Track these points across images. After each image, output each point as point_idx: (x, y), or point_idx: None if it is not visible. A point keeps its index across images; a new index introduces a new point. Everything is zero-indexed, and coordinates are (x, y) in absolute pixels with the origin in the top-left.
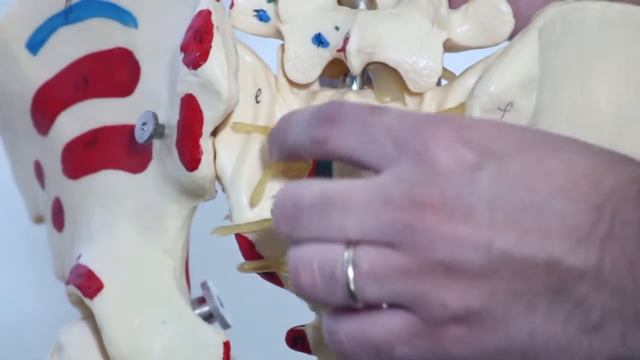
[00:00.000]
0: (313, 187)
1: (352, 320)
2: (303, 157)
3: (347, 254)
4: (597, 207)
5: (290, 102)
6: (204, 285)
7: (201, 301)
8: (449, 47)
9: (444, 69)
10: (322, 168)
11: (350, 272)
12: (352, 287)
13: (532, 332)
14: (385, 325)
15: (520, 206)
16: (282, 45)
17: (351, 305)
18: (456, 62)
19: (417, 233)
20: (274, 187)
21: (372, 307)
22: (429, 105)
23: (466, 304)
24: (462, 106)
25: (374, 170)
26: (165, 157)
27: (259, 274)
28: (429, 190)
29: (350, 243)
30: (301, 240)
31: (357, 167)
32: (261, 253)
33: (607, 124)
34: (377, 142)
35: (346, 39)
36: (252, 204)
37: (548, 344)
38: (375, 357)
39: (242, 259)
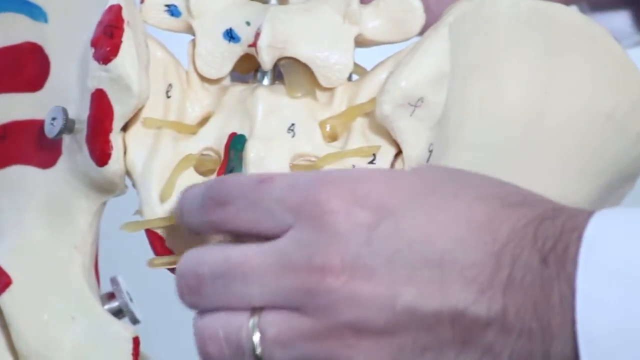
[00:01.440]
0: (214, 256)
1: None
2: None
3: (252, 321)
4: (495, 255)
5: (201, 97)
6: (114, 281)
7: (110, 297)
8: (360, 42)
9: (355, 64)
10: (233, 161)
11: (257, 339)
12: (259, 353)
13: None
14: None
15: (419, 261)
16: (193, 41)
17: None
18: (367, 58)
19: (319, 297)
20: (185, 182)
21: None
22: (340, 100)
23: None
24: (372, 101)
25: (273, 233)
26: (75, 152)
27: (169, 269)
28: (328, 254)
29: (255, 310)
30: (206, 310)
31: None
32: (171, 248)
33: (516, 119)
34: (271, 214)
35: (257, 34)
36: (163, 199)
37: None
38: None
39: (152, 255)
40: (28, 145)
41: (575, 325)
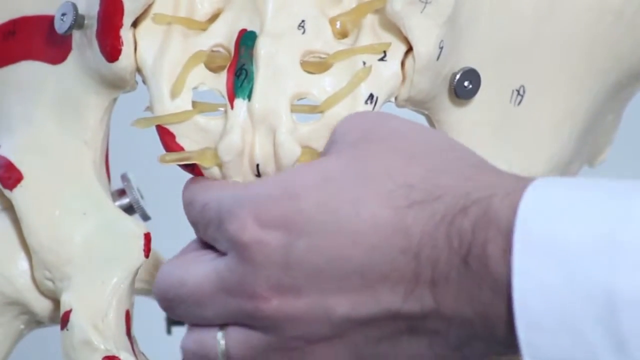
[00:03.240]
0: (175, 281)
1: None
2: None
3: (220, 338)
4: (414, 257)
5: None
6: (124, 177)
7: (121, 193)
8: None
9: None
10: (243, 58)
11: (223, 356)
12: None
13: (406, 355)
14: None
15: (341, 274)
16: None
17: None
18: None
19: (260, 320)
20: (195, 78)
21: None
22: None
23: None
24: None
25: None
26: (85, 48)
27: (180, 165)
28: (254, 283)
29: (223, 326)
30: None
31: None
32: (182, 145)
33: (526, 16)
34: (216, 239)
35: None
36: (174, 95)
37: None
38: None
39: (162, 151)
40: (38, 40)
41: (512, 313)
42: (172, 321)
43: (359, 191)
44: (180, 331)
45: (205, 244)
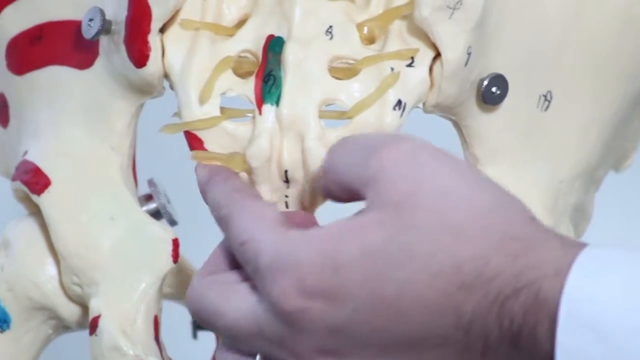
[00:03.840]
0: (208, 309)
1: None
2: None
3: None
4: (464, 330)
5: None
6: (151, 182)
7: (148, 198)
8: None
9: None
10: (271, 63)
11: None
12: None
13: None
14: None
15: (388, 344)
16: None
17: None
18: None
19: None
20: (223, 83)
21: None
22: (377, 2)
23: None
24: (410, 4)
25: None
26: (112, 53)
27: None
28: (295, 344)
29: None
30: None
31: None
32: (210, 150)
33: (553, 22)
34: (251, 275)
35: None
36: (202, 101)
37: None
38: None
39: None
40: (65, 46)
41: None
42: (198, 326)
43: (404, 271)
44: (205, 335)
45: (234, 256)
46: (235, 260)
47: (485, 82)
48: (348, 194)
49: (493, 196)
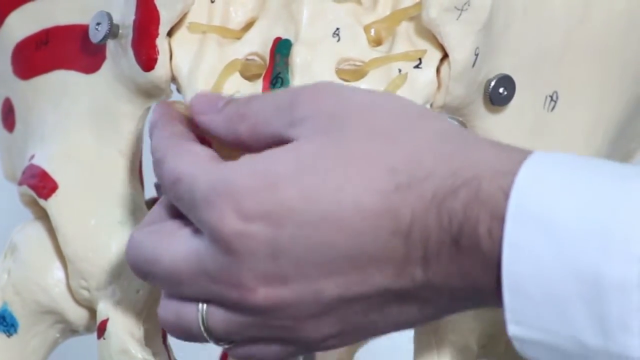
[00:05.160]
0: (146, 256)
1: (231, 350)
2: None
3: (200, 312)
4: (403, 238)
5: (245, 1)
6: (158, 186)
7: (155, 202)
8: None
9: None
10: (278, 66)
11: (205, 330)
12: (208, 337)
13: (394, 321)
14: (263, 352)
15: (330, 260)
16: None
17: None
18: None
19: (247, 308)
20: (231, 86)
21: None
22: (385, 4)
23: (326, 333)
24: (418, 5)
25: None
26: (119, 57)
27: None
28: (240, 275)
29: (201, 304)
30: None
31: None
32: (219, 154)
33: (559, 21)
34: (187, 214)
35: None
36: None
37: (411, 322)
38: None
39: None
40: (71, 50)
41: (500, 283)
42: None
43: (339, 179)
44: None
45: (174, 208)
46: (175, 211)
47: (493, 83)
48: (267, 142)
49: (422, 108)
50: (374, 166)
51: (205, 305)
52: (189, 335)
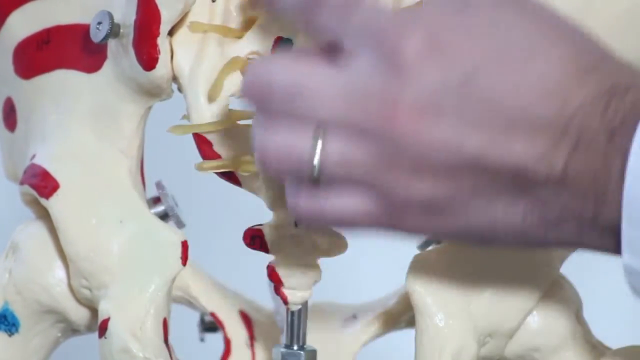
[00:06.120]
0: (285, 73)
1: (314, 197)
2: (291, 18)
3: (315, 144)
4: (564, 121)
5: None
6: (159, 185)
7: (156, 201)
8: None
9: None
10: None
11: (317, 162)
12: (317, 173)
13: (492, 221)
14: (344, 206)
15: (489, 113)
16: None
17: (314, 185)
18: None
19: (388, 132)
20: (232, 85)
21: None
22: (385, 4)
23: (430, 196)
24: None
25: (348, 55)
26: (121, 56)
27: (216, 173)
28: (401, 90)
29: (318, 133)
30: (271, 119)
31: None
32: (219, 152)
33: None
34: (355, 31)
35: None
36: (210, 102)
37: (505, 231)
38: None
39: (196, 157)
40: (72, 49)
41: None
42: (206, 328)
43: (534, 43)
44: (213, 338)
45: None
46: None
47: None
48: None
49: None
50: (565, 44)
51: (326, 131)
52: (292, 167)
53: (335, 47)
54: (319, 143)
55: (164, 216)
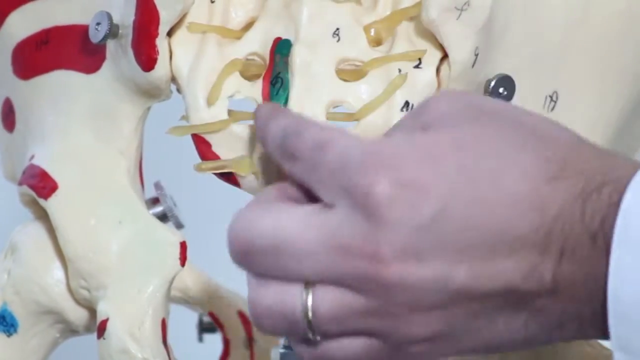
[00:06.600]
0: (266, 226)
1: (316, 349)
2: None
3: (305, 296)
4: (545, 231)
5: (245, 1)
6: (158, 185)
7: (155, 201)
8: None
9: None
10: (278, 66)
11: (310, 314)
12: (312, 327)
13: (495, 336)
14: (348, 351)
15: (469, 243)
16: None
17: (313, 339)
18: None
19: (371, 282)
20: (231, 86)
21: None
22: (384, 4)
23: (430, 330)
24: (418, 5)
25: (325, 205)
26: (119, 57)
27: (215, 173)
28: (377, 242)
29: (308, 283)
30: (259, 276)
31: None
32: (218, 153)
33: (559, 23)
34: (325, 185)
35: None
36: (210, 103)
37: (510, 341)
38: None
39: (195, 158)
40: (71, 50)
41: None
42: (204, 329)
43: (498, 162)
44: (211, 339)
45: (289, 192)
46: (289, 195)
47: (492, 83)
48: None
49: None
50: (529, 154)
51: (310, 288)
52: (286, 322)
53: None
54: (309, 299)
55: (162, 217)
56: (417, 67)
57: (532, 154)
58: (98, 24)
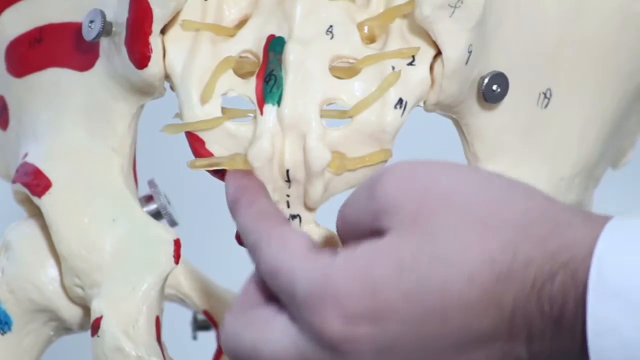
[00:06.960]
0: (246, 345)
1: None
2: None
3: None
4: (508, 322)
5: None
6: (152, 183)
7: (148, 199)
8: None
9: None
10: (272, 63)
11: None
12: None
13: None
14: None
15: (436, 353)
16: None
17: None
18: None
19: None
20: (224, 84)
21: None
22: (378, 1)
23: None
24: (411, 2)
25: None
26: (113, 55)
27: (209, 171)
28: None
29: None
30: None
31: None
32: (212, 151)
33: (552, 20)
34: (285, 304)
35: None
36: (203, 101)
37: None
38: None
39: (189, 156)
40: (64, 48)
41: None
42: (198, 326)
43: (439, 276)
44: (205, 336)
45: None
46: (268, 291)
47: (486, 80)
48: (363, 236)
49: (503, 186)
50: (473, 259)
51: None
52: None
53: None
54: None
55: (156, 215)
56: (410, 64)
57: (476, 257)
58: (91, 21)
